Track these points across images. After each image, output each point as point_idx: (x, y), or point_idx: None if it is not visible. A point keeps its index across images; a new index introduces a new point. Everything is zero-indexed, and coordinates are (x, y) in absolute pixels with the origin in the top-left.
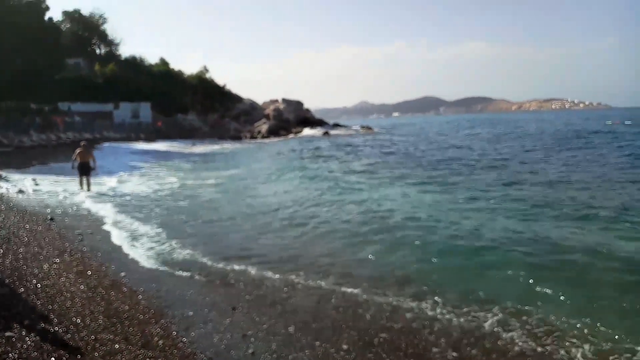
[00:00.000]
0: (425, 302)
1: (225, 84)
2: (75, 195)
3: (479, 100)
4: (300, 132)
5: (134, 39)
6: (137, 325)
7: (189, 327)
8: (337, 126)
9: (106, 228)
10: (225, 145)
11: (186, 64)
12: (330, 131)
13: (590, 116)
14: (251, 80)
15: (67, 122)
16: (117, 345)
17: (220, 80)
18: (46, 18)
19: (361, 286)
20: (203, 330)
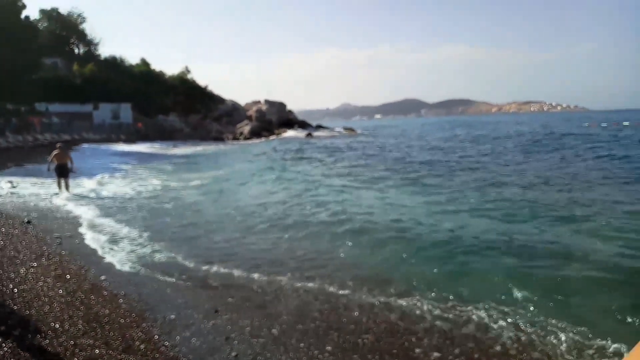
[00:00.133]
0: (408, 303)
1: (207, 85)
2: (53, 198)
3: (460, 102)
4: (283, 134)
5: (114, 39)
6: (118, 330)
7: (171, 330)
8: (320, 128)
9: (86, 231)
10: (207, 146)
11: (168, 65)
12: (313, 133)
13: (568, 118)
14: (234, 81)
15: (45, 123)
16: (97, 350)
17: (202, 81)
18: (22, 16)
19: (345, 287)
20: (185, 334)
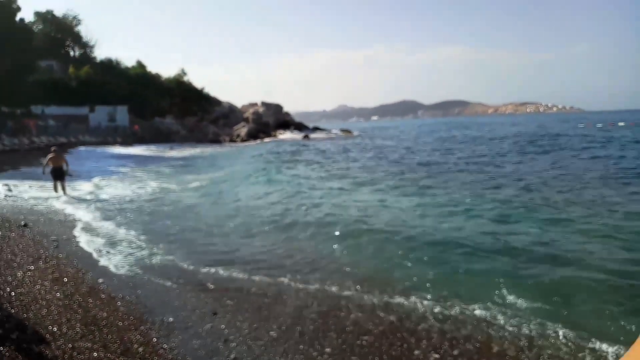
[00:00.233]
0: (407, 304)
1: (203, 87)
2: (50, 201)
3: (457, 103)
4: (279, 136)
5: (110, 42)
6: (116, 333)
7: (169, 333)
8: (316, 129)
9: (83, 234)
10: (204, 148)
11: (164, 67)
12: (310, 134)
13: (564, 119)
14: (230, 83)
15: (41, 125)
16: (95, 354)
17: (198, 84)
18: (17, 19)
19: (343, 289)
20: (184, 336)
